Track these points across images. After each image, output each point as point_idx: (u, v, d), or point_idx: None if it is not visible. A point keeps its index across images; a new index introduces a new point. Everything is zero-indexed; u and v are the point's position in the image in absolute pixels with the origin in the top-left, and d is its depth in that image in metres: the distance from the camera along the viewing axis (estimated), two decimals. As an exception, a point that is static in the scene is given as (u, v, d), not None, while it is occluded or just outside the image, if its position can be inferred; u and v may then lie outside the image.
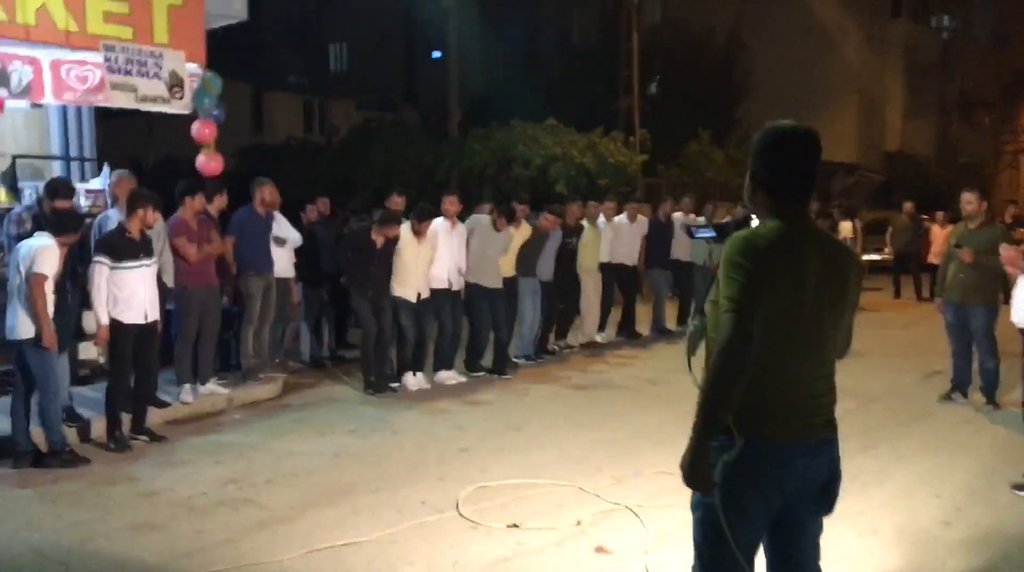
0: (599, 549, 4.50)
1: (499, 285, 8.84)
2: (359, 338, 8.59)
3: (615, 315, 11.11)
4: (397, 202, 8.96)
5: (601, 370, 9.42)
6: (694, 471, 2.45)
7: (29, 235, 6.10)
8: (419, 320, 8.35)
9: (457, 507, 5.10)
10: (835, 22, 26.54)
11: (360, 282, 8.14)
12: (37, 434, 6.04)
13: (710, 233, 3.65)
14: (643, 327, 11.36)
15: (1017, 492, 5.26)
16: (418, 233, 8.14)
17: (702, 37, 24.50)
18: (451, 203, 8.56)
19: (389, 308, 8.21)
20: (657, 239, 11.22)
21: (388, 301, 8.19)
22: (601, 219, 10.59)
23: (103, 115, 8.71)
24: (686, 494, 2.59)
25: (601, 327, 10.81)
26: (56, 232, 5.88)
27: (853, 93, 28.16)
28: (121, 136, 22.26)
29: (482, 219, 8.88)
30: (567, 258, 9.96)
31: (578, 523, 4.84)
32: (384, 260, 8.13)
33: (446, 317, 8.56)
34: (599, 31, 25.51)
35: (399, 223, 8.19)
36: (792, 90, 26.56)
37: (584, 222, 10.23)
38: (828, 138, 2.60)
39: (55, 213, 6.19)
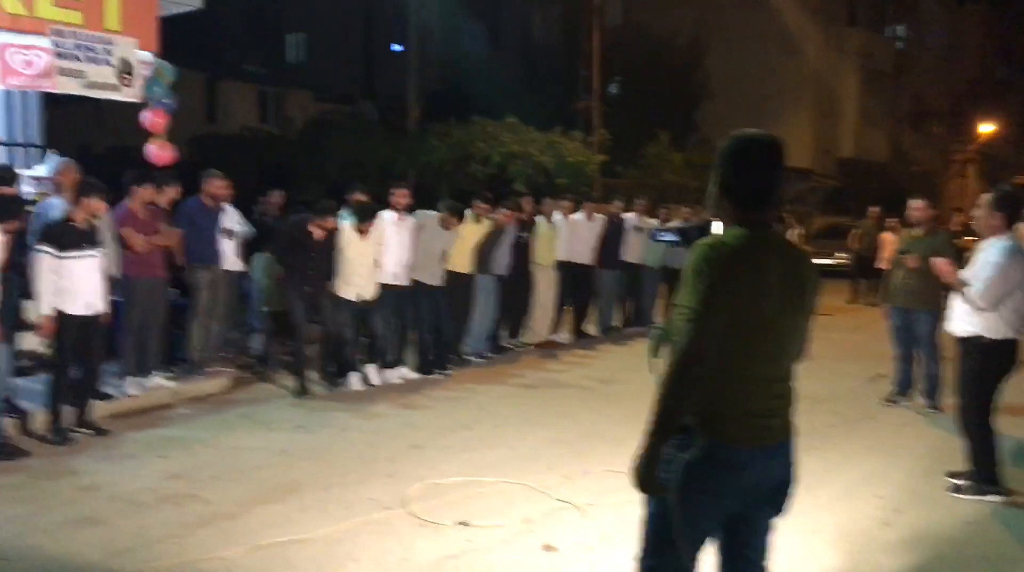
0: (547, 547, 4.52)
1: (439, 282, 8.74)
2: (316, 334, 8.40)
3: (568, 315, 11.15)
4: (361, 199, 8.59)
5: (554, 369, 9.45)
6: (645, 475, 2.49)
7: (-31, 222, 5.92)
8: (364, 319, 8.13)
9: (406, 504, 5.08)
10: (793, 28, 26.97)
11: (296, 279, 7.78)
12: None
13: (672, 237, 3.69)
14: (592, 328, 11.42)
15: (954, 494, 5.39)
16: (361, 232, 7.92)
17: (663, 40, 24.70)
18: (401, 196, 8.40)
19: (330, 306, 7.93)
20: (609, 239, 11.26)
21: (328, 299, 7.91)
22: (558, 216, 10.62)
23: (51, 101, 8.49)
24: (635, 493, 2.61)
25: (557, 326, 10.84)
26: None
27: (809, 99, 28.65)
28: (70, 122, 21.76)
29: (430, 215, 8.75)
30: (520, 253, 9.97)
31: (526, 521, 4.85)
32: (323, 255, 7.77)
33: (392, 313, 8.39)
34: (561, 30, 25.60)
35: (335, 214, 7.85)
36: (750, 95, 26.94)
37: (538, 217, 10.26)
38: (784, 143, 2.65)
39: (-4, 200, 6.03)
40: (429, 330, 8.81)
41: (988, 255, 5.15)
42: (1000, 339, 5.18)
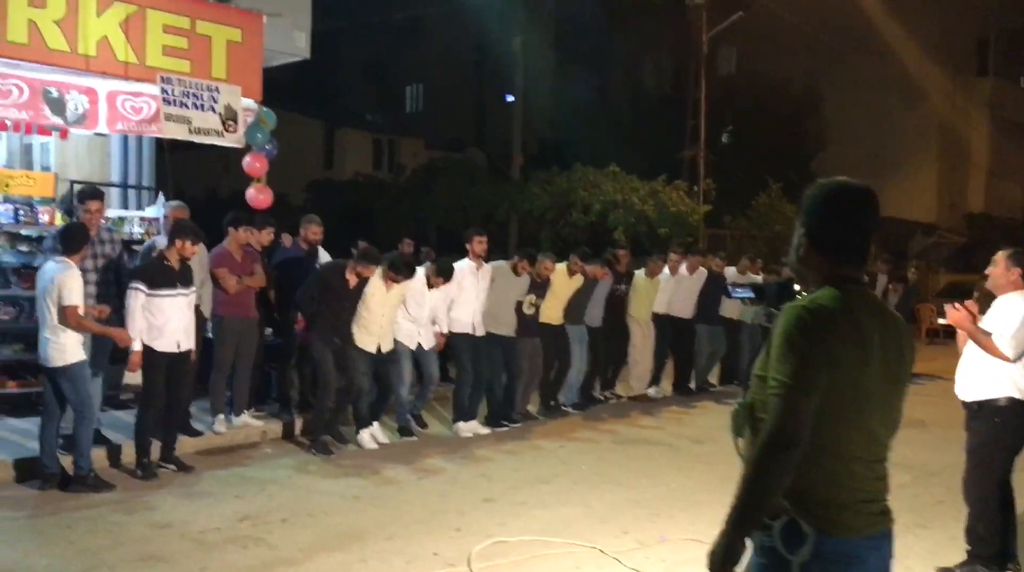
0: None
1: (512, 333, 8.51)
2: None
3: (668, 370, 10.80)
4: (480, 241, 8.32)
5: (644, 425, 9.11)
6: (721, 567, 2.22)
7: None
8: (380, 372, 7.64)
9: (469, 562, 4.90)
10: (917, 77, 25.90)
11: (326, 328, 7.28)
12: (65, 457, 6.08)
13: (747, 293, 3.43)
14: (692, 383, 11.02)
15: None
16: (391, 282, 7.48)
17: (777, 88, 24.17)
18: (478, 243, 8.25)
19: (357, 358, 7.40)
20: (708, 294, 10.84)
21: (353, 351, 7.39)
22: (665, 271, 10.32)
23: (184, 146, 8.70)
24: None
25: (654, 381, 10.51)
26: (68, 250, 5.90)
27: (934, 150, 27.39)
28: (201, 167, 23.02)
29: (500, 265, 8.57)
30: (616, 305, 9.75)
31: (591, 588, 4.60)
32: (353, 304, 7.35)
33: (467, 364, 8.21)
34: (673, 80, 25.40)
35: (377, 262, 7.37)
36: (869, 144, 25.99)
37: (637, 272, 10.02)
38: (906, 196, 2.40)
39: (64, 230, 6.21)
40: (500, 382, 8.58)
41: (1014, 309, 4.94)
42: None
